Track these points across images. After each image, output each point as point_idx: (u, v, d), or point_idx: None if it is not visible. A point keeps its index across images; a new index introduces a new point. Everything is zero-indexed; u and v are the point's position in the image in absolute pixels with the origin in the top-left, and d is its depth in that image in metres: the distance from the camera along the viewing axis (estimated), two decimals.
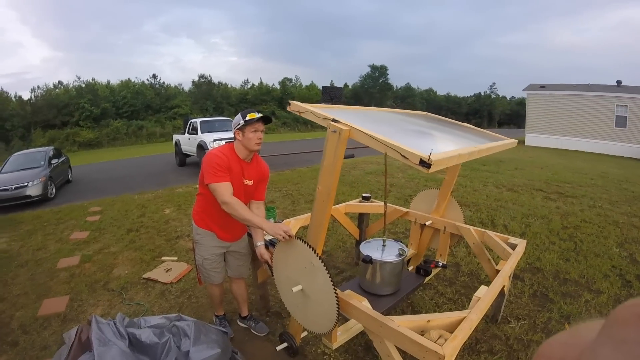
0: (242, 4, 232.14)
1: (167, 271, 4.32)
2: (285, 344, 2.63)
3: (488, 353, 2.80)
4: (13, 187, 8.84)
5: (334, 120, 1.86)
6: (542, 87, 23.10)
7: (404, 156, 1.51)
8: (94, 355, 2.14)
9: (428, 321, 1.87)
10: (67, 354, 2.28)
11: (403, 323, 1.82)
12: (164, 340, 2.41)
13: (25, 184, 8.97)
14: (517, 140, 3.12)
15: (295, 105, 2.10)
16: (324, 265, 2.00)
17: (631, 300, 0.26)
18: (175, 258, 4.77)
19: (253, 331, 3.10)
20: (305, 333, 2.74)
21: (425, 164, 1.45)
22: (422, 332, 1.79)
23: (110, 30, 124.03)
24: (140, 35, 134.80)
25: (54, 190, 10.02)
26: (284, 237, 2.15)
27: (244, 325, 3.18)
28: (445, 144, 2.30)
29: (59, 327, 3.35)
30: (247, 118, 2.44)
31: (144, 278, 4.24)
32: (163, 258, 4.79)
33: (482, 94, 71.34)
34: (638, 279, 4.01)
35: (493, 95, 71.03)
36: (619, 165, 14.45)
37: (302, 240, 2.09)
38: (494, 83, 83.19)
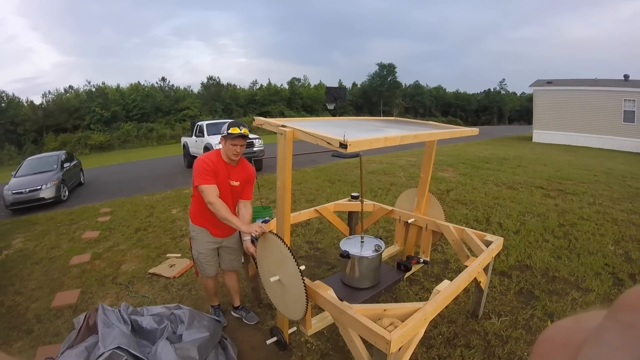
0: (252, 5, 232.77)
1: (171, 267, 4.59)
2: (274, 338, 2.85)
3: (464, 347, 2.89)
4: (27, 190, 9.15)
5: (282, 125, 2.13)
6: (549, 82, 22.82)
7: (329, 143, 1.79)
8: (99, 337, 2.40)
9: (385, 310, 2.04)
10: (76, 335, 2.55)
11: (360, 311, 2.01)
12: (163, 326, 2.68)
13: (39, 187, 9.28)
14: (478, 129, 3.23)
15: (258, 120, 2.40)
16: (291, 253, 2.20)
17: (639, 285, 0.27)
18: (179, 255, 5.03)
19: (244, 320, 3.36)
20: (294, 329, 2.94)
21: (342, 145, 1.72)
22: (378, 320, 1.96)
23: (120, 35, 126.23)
24: (151, 39, 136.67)
25: (67, 192, 10.34)
26: (258, 233, 2.41)
27: (236, 315, 3.43)
28: (384, 134, 2.47)
29: (71, 317, 3.62)
30: (229, 131, 2.70)
31: (149, 273, 4.51)
32: (168, 255, 5.05)
33: (492, 90, 70.69)
34: (631, 277, 4.00)
35: (503, 92, 70.35)
36: (627, 161, 14.26)
37: (273, 233, 2.31)
38: (503, 79, 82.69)
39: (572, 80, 22.86)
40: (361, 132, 2.53)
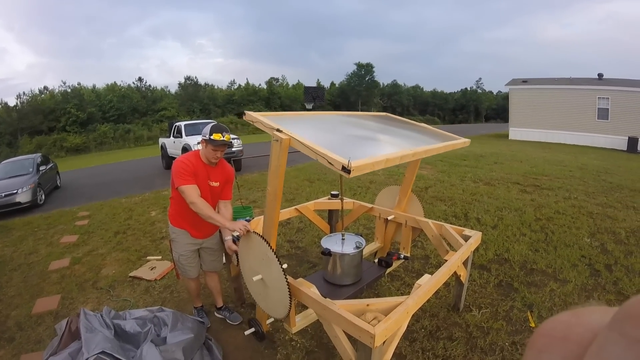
0: (229, 5, 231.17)
1: (151, 269, 4.55)
2: (252, 329, 2.87)
3: (447, 339, 2.96)
4: (3, 194, 8.90)
5: (277, 130, 2.04)
6: (525, 81, 23.35)
7: (330, 163, 1.71)
8: (82, 343, 2.37)
9: (367, 305, 2.07)
10: (59, 342, 2.51)
11: (343, 306, 2.04)
12: (146, 329, 2.66)
13: (15, 191, 9.04)
14: (469, 140, 3.27)
15: (249, 116, 2.29)
16: (276, 257, 2.21)
17: None
18: (160, 257, 4.98)
19: (228, 320, 3.35)
20: (272, 319, 2.97)
21: (345, 169, 1.63)
22: (361, 315, 1.99)
23: (95, 35, 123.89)
24: (126, 39, 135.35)
25: (43, 196, 10.10)
26: (242, 232, 2.41)
27: (219, 315, 3.43)
28: (384, 149, 2.43)
29: (52, 323, 3.55)
30: (212, 137, 2.68)
31: (130, 276, 4.45)
32: (148, 257, 5.00)
33: (469, 89, 71.93)
34: (607, 268, 4.12)
35: (479, 91, 71.66)
36: (601, 156, 14.68)
37: (259, 235, 2.31)
38: (480, 78, 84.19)
39: (547, 79, 23.42)
40: (359, 144, 2.46)
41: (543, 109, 21.73)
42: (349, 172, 1.63)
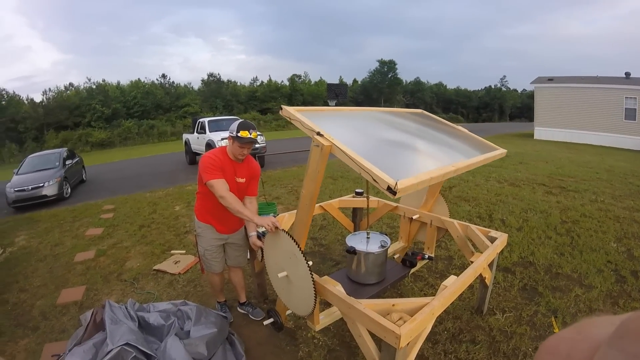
0: (249, 2, 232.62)
1: (175, 263, 4.61)
2: (271, 319, 2.86)
3: (470, 343, 2.91)
4: (30, 187, 9.19)
5: (318, 133, 1.95)
6: (550, 79, 22.80)
7: (374, 180, 1.64)
8: (106, 334, 2.41)
9: (393, 305, 2.04)
10: (83, 333, 2.56)
11: (369, 305, 2.01)
12: (170, 322, 2.69)
13: (42, 184, 9.31)
14: (506, 151, 3.21)
15: (287, 112, 2.20)
16: (305, 258, 2.18)
17: None
18: (184, 251, 5.05)
19: (250, 316, 3.38)
20: (290, 311, 2.97)
21: (391, 190, 1.56)
22: (387, 315, 1.96)
23: (118, 33, 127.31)
24: (149, 36, 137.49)
25: (69, 189, 10.37)
26: (271, 229, 2.39)
27: (242, 311, 3.46)
28: (424, 161, 2.33)
29: (77, 313, 3.64)
30: (239, 134, 2.68)
31: (154, 269, 4.53)
32: (172, 251, 5.07)
33: (493, 87, 70.58)
34: (633, 274, 4.00)
35: (504, 89, 70.17)
36: (628, 158, 14.22)
37: (288, 234, 2.29)
38: (504, 76, 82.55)
39: (573, 77, 22.82)
40: (397, 153, 2.34)
41: (569, 108, 21.17)
42: (394, 193, 1.57)
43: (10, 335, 3.43)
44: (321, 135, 1.94)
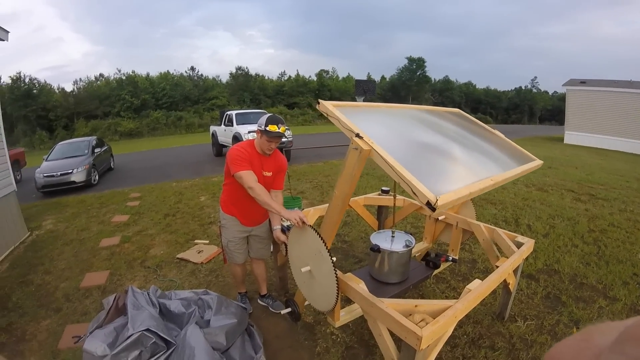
0: None
1: (198, 253, 4.68)
2: (289, 309, 2.88)
3: (489, 349, 2.87)
4: (59, 173, 9.47)
5: (357, 135, 1.87)
6: (583, 82, 22.09)
7: (414, 192, 1.60)
8: (128, 319, 2.46)
9: (416, 306, 2.01)
10: (105, 316, 2.62)
11: (391, 305, 1.99)
12: (190, 310, 2.73)
13: (70, 170, 9.59)
14: (542, 162, 3.13)
15: (324, 107, 2.12)
16: (330, 257, 2.17)
17: None
18: (207, 241, 5.12)
19: (270, 308, 3.41)
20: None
21: (431, 206, 1.51)
22: (409, 315, 1.94)
23: (147, 25, 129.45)
24: (178, 29, 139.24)
25: (97, 177, 10.65)
26: (297, 223, 2.37)
27: (262, 303, 3.48)
28: (462, 171, 2.24)
29: (99, 297, 3.74)
30: (268, 128, 2.68)
31: (177, 258, 4.61)
32: (196, 241, 5.15)
33: (523, 88, 68.81)
34: None
35: (534, 90, 68.38)
36: None
37: (316, 231, 2.26)
38: (535, 77, 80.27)
39: (606, 81, 22.02)
40: (433, 160, 2.27)
41: (601, 113, 20.49)
42: (434, 209, 1.52)
43: (33, 315, 3.54)
44: (360, 138, 1.87)
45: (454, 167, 2.27)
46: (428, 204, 1.52)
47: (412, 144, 2.42)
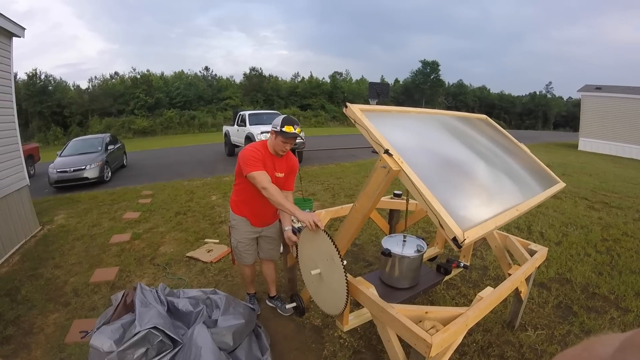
0: None
1: (208, 252, 4.70)
2: (294, 304, 2.88)
3: (498, 357, 2.82)
4: (72, 169, 9.60)
5: (387, 151, 1.79)
6: (598, 88, 21.70)
7: (441, 225, 1.57)
8: (135, 316, 2.46)
9: (426, 312, 1.99)
10: (113, 312, 2.62)
11: (402, 311, 1.97)
12: (198, 309, 2.73)
13: (83, 167, 9.71)
14: (565, 185, 3.07)
15: (352, 113, 2.04)
16: (342, 265, 2.13)
17: None
18: (217, 241, 5.13)
19: (278, 310, 3.40)
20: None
21: (457, 243, 1.49)
22: (419, 322, 1.92)
23: (163, 24, 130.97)
24: (193, 28, 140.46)
25: (110, 173, 10.75)
26: (311, 226, 2.33)
27: (271, 304, 3.48)
28: (489, 198, 2.19)
29: (108, 293, 3.76)
30: (284, 129, 2.67)
31: (187, 256, 4.63)
32: (206, 240, 5.17)
33: (538, 93, 67.88)
34: None
35: (549, 95, 67.41)
36: None
37: (330, 237, 2.21)
38: (550, 82, 78.36)
39: (622, 87, 21.58)
40: (458, 182, 2.19)
41: (616, 120, 20.05)
42: (460, 247, 1.49)
43: (41, 309, 3.57)
44: (390, 155, 1.78)
45: (481, 192, 2.23)
46: (454, 239, 1.50)
47: (440, 160, 2.34)
